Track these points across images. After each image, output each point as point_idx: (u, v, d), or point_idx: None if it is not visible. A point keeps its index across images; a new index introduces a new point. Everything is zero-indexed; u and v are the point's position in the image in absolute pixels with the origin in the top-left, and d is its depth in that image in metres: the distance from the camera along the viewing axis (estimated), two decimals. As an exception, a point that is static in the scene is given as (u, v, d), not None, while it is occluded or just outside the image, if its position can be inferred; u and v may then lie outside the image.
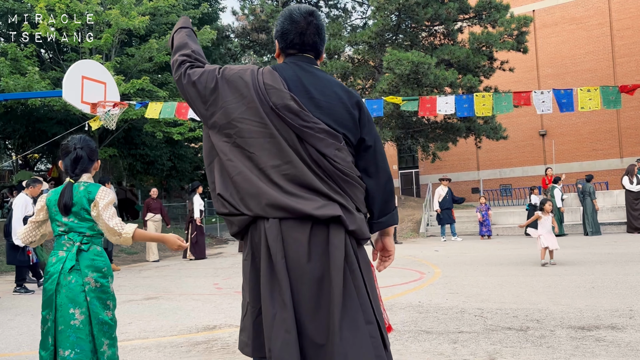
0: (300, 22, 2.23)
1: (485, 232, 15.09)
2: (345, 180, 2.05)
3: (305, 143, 2.04)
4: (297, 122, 2.04)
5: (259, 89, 2.10)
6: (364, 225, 2.06)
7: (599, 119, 26.38)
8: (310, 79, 2.16)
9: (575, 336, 4.13)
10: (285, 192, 1.98)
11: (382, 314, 2.12)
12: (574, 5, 27.23)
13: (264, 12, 21.61)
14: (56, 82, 14.82)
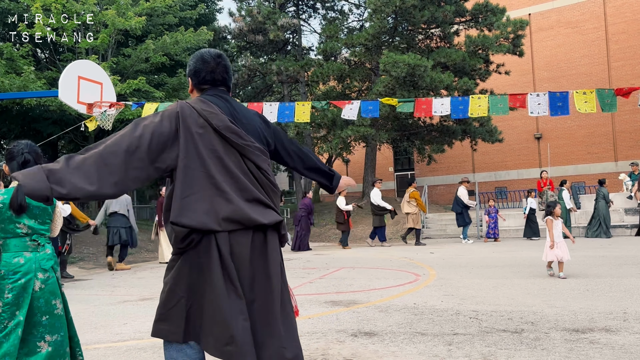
0: (211, 62, 2.64)
1: (492, 235, 14.97)
2: (272, 190, 2.48)
3: (246, 159, 2.42)
4: (239, 140, 2.40)
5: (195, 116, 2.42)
6: (285, 229, 2.50)
7: (594, 122, 26.49)
8: (233, 106, 2.56)
9: (570, 338, 4.15)
10: (236, 205, 2.31)
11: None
12: (570, 9, 27.36)
13: (261, 13, 21.62)
14: (52, 82, 14.80)
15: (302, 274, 9.09)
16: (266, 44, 22.80)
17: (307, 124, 19.80)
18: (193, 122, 2.38)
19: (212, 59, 2.64)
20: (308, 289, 7.30)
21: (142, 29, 15.75)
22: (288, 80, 23.29)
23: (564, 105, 8.49)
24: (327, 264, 10.69)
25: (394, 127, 21.47)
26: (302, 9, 24.51)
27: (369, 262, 10.71)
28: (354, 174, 33.10)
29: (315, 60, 22.58)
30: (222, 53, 2.71)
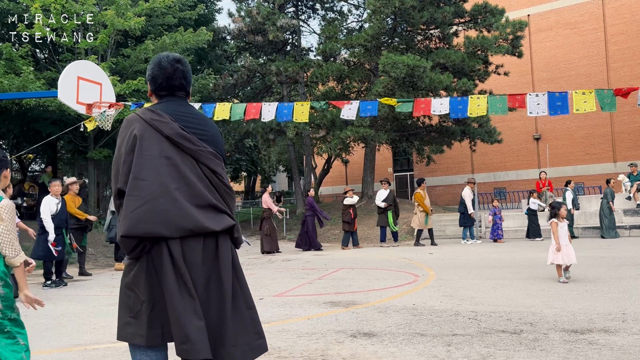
0: (168, 68, 2.64)
1: (497, 236, 14.85)
2: (228, 193, 2.54)
3: (200, 164, 2.47)
4: (191, 146, 2.47)
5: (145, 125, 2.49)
6: (239, 232, 2.56)
7: (592, 123, 26.52)
8: (188, 113, 2.61)
9: (569, 339, 4.15)
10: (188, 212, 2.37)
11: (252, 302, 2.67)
12: (569, 10, 27.39)
13: (260, 14, 21.61)
14: (51, 82, 14.79)
15: (301, 275, 9.09)
16: (265, 44, 22.79)
17: (306, 124, 19.80)
18: (143, 133, 2.46)
19: (169, 64, 2.65)
20: (307, 290, 7.31)
21: (141, 30, 15.75)
22: (287, 80, 23.29)
23: (564, 105, 8.48)
24: (326, 264, 10.69)
25: (393, 128, 21.47)
26: (302, 9, 24.52)
27: (368, 262, 10.72)
28: (353, 174, 33.13)
29: (314, 60, 22.58)
30: (181, 58, 2.71)
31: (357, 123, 18.36)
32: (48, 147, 19.91)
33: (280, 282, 8.31)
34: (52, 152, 21.69)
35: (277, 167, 37.67)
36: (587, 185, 24.31)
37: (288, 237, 19.19)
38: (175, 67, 2.66)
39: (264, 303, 6.36)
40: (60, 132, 15.08)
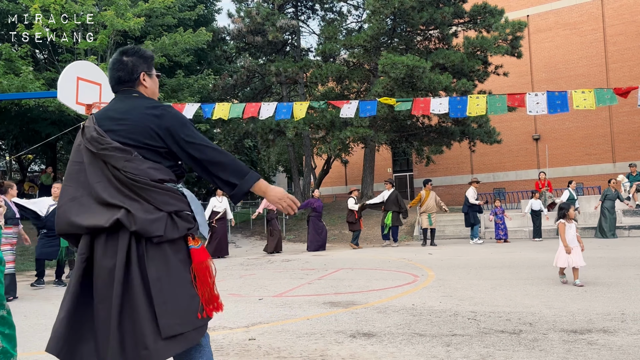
0: (111, 63, 2.68)
1: (502, 236, 14.83)
2: (138, 186, 2.39)
3: (107, 163, 2.44)
4: (97, 147, 2.46)
5: (79, 134, 2.60)
6: (150, 225, 2.34)
7: (592, 123, 26.54)
8: (117, 107, 2.59)
9: (568, 339, 4.16)
10: (82, 214, 2.39)
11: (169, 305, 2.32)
12: (568, 10, 27.41)
13: (260, 14, 21.62)
14: (51, 82, 14.79)
15: (300, 275, 9.10)
16: (265, 45, 22.79)
17: (306, 124, 19.80)
18: (76, 140, 2.63)
19: (112, 60, 2.70)
20: (307, 290, 7.31)
21: (140, 30, 15.75)
22: (287, 81, 23.30)
23: (563, 103, 8.46)
24: (326, 265, 10.69)
25: (392, 129, 21.48)
26: (301, 10, 24.52)
27: (367, 263, 10.72)
28: (352, 175, 33.13)
29: (314, 61, 22.59)
30: (124, 49, 2.71)
31: (357, 123, 18.36)
32: (47, 147, 19.90)
33: (279, 282, 8.31)
34: (51, 152, 21.68)
35: (277, 167, 37.66)
36: (586, 186, 24.31)
37: (288, 238, 19.19)
38: (114, 59, 2.67)
39: (263, 303, 6.36)
40: (59, 132, 15.08)
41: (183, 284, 2.37)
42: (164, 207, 2.40)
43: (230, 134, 24.25)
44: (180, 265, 2.41)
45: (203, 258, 2.47)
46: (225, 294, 7.37)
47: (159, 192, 2.42)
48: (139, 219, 2.33)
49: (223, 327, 5.13)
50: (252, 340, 4.51)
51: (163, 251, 2.38)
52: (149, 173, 2.43)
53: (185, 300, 2.35)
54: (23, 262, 12.76)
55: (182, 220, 2.45)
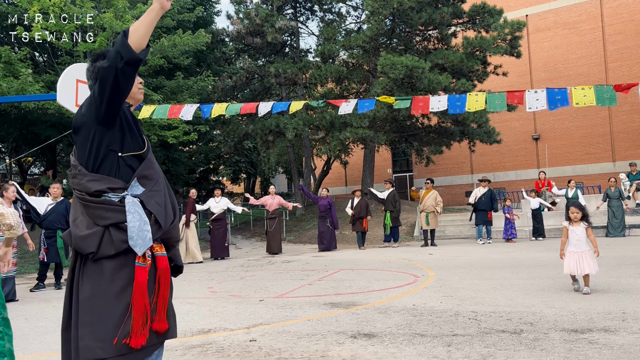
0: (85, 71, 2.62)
1: (510, 235, 14.72)
2: (81, 202, 2.38)
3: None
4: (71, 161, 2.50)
5: None
6: (82, 242, 2.30)
7: (591, 123, 26.55)
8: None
9: (569, 339, 4.16)
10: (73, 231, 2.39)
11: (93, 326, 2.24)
12: (567, 10, 27.43)
13: (259, 16, 21.63)
14: (50, 85, 14.79)
15: (301, 276, 9.09)
16: (264, 46, 22.80)
17: (305, 125, 19.81)
18: None
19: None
20: (307, 291, 7.31)
21: (139, 32, 15.75)
22: (286, 82, 23.30)
23: (563, 98, 8.45)
24: (326, 265, 10.69)
25: (392, 129, 21.48)
26: (300, 11, 24.53)
27: (368, 263, 10.72)
28: (352, 175, 33.13)
29: (313, 62, 22.59)
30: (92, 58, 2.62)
31: (356, 124, 18.37)
32: (47, 150, 19.90)
33: (280, 283, 8.31)
34: (51, 155, 21.68)
35: (277, 168, 37.65)
36: (586, 185, 24.31)
37: (288, 239, 19.18)
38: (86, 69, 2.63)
39: (264, 304, 6.36)
40: (59, 135, 15.09)
41: (115, 305, 2.24)
42: (99, 221, 2.33)
43: (230, 135, 24.25)
44: (117, 285, 2.27)
45: (142, 278, 2.31)
46: (226, 295, 7.37)
47: (94, 206, 2.35)
48: (74, 236, 2.33)
49: (224, 329, 5.13)
50: (253, 342, 4.51)
51: (100, 268, 2.29)
52: (87, 186, 2.37)
53: (113, 323, 2.22)
54: (23, 265, 12.76)
55: (120, 233, 2.32)
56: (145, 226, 2.35)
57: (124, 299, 2.26)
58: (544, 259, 9.74)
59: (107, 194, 2.37)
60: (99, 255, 2.28)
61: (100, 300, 2.25)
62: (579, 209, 6.26)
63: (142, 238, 2.33)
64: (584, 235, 6.16)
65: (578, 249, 6.11)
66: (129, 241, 2.30)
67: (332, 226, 15.11)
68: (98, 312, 2.23)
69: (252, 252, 15.81)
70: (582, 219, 6.23)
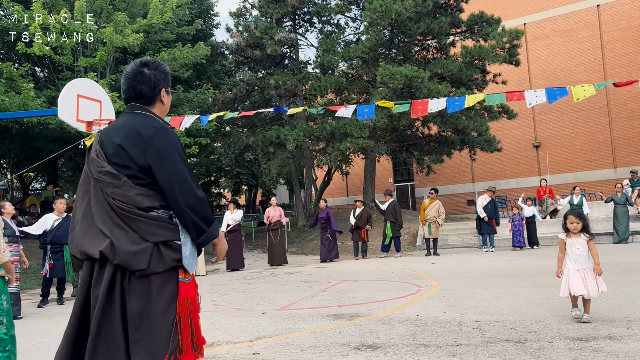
0: (129, 73, 2.55)
1: (518, 244, 14.59)
2: (123, 214, 2.29)
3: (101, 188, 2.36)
4: (93, 171, 2.40)
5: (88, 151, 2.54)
6: (132, 258, 2.23)
7: (592, 129, 26.58)
8: (117, 125, 2.48)
9: (574, 347, 4.13)
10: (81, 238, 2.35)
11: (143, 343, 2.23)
12: (565, 18, 27.56)
13: (258, 28, 21.75)
14: (51, 100, 14.85)
15: (303, 288, 9.06)
16: (264, 58, 22.90)
17: (306, 136, 19.84)
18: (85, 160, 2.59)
19: (131, 69, 2.58)
20: (310, 303, 7.28)
21: (139, 46, 15.84)
22: (286, 94, 23.37)
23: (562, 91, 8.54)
24: (329, 276, 10.66)
25: (392, 139, 21.50)
26: (299, 23, 24.66)
27: (370, 274, 10.69)
28: (353, 186, 33.12)
29: (312, 73, 22.67)
30: (149, 61, 2.59)
31: (357, 134, 18.39)
32: (49, 165, 19.94)
33: (283, 295, 8.28)
34: (52, 169, 21.72)
35: (278, 180, 37.67)
36: (588, 192, 24.27)
37: (290, 250, 19.14)
38: (138, 70, 2.55)
39: (267, 317, 6.34)
40: (60, 149, 15.12)
41: (162, 322, 2.25)
42: (150, 237, 2.28)
43: (231, 148, 24.29)
44: (163, 301, 2.27)
45: (189, 294, 2.34)
46: (229, 308, 7.34)
47: (145, 221, 2.29)
48: (121, 251, 2.23)
49: (227, 342, 5.11)
50: (257, 355, 4.49)
51: (147, 285, 2.26)
52: (137, 200, 2.31)
53: (162, 340, 2.23)
54: (25, 281, 12.73)
55: (170, 250, 2.31)
56: (194, 250, 2.39)
57: (170, 314, 2.26)
58: (547, 267, 9.71)
59: (157, 210, 2.34)
60: (148, 272, 2.25)
61: (148, 317, 2.24)
62: (579, 218, 5.23)
63: (194, 257, 2.38)
64: (585, 249, 5.16)
65: (580, 266, 5.11)
66: (182, 260, 2.32)
67: (332, 236, 15.11)
68: (147, 328, 2.22)
69: (254, 264, 15.77)
70: (583, 230, 5.22)
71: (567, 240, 5.27)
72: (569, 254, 5.22)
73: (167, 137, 2.39)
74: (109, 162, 2.38)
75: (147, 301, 2.25)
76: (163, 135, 2.38)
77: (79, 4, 14.37)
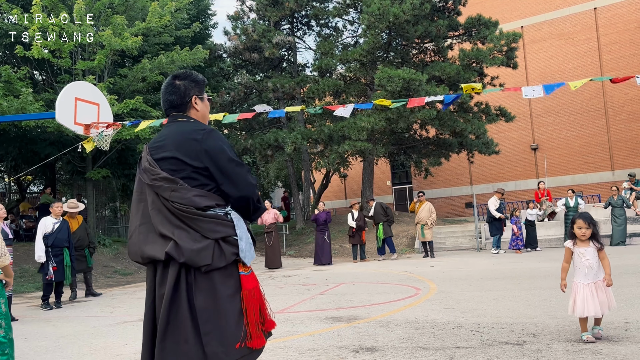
0: (163, 87, 2.76)
1: (519, 246, 14.65)
2: (184, 215, 2.44)
3: (158, 194, 2.50)
4: (149, 178, 2.54)
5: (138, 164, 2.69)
6: (197, 255, 2.38)
7: (589, 132, 26.63)
8: (165, 134, 2.64)
9: (572, 349, 4.14)
10: (142, 242, 2.49)
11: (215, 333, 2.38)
12: (562, 21, 27.63)
13: (256, 31, 21.77)
14: (50, 103, 14.83)
15: (302, 290, 9.06)
16: (262, 61, 22.92)
17: (304, 139, 19.85)
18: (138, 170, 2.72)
19: (165, 84, 2.79)
20: (308, 306, 7.28)
21: (138, 49, 15.83)
22: (284, 97, 23.40)
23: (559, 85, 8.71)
24: (327, 279, 10.66)
25: (390, 142, 21.52)
26: (297, 26, 24.69)
27: (369, 277, 10.69)
28: (352, 188, 33.13)
29: (310, 76, 22.70)
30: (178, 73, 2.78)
31: (355, 137, 18.41)
32: (47, 168, 19.91)
33: (281, 298, 8.27)
34: (50, 173, 21.69)
35: (276, 183, 37.66)
36: (585, 194, 24.32)
37: (288, 253, 19.14)
38: (168, 83, 2.77)
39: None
40: (58, 153, 15.10)
41: (230, 313, 2.41)
42: (210, 234, 2.44)
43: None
44: (228, 293, 2.44)
45: (251, 285, 2.51)
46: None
47: (205, 220, 2.45)
48: (186, 250, 2.38)
49: (225, 345, 5.09)
50: (255, 358, 4.48)
51: (211, 280, 2.42)
52: (194, 201, 2.46)
53: (231, 330, 2.39)
54: (22, 284, 12.71)
55: (229, 245, 2.47)
56: (250, 240, 2.59)
57: (236, 306, 2.43)
58: (545, 270, 9.72)
59: (214, 209, 2.50)
60: (212, 267, 2.41)
61: (216, 310, 2.39)
62: (589, 222, 4.46)
63: (250, 250, 2.57)
64: (595, 259, 4.43)
65: (590, 280, 4.41)
66: (239, 253, 2.50)
67: (329, 239, 15.13)
68: (216, 320, 2.38)
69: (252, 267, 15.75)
70: (592, 237, 4.49)
71: (575, 249, 4.52)
72: (576, 265, 4.50)
73: (216, 137, 2.58)
74: (162, 169, 2.54)
75: (213, 295, 2.41)
76: (211, 136, 2.56)
77: (77, 7, 14.37)
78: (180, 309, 2.37)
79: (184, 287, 2.40)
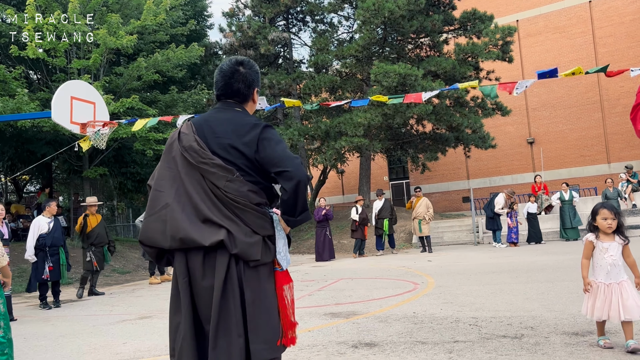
0: (226, 71, 2.63)
1: (514, 239, 14.66)
2: (237, 207, 2.38)
3: (205, 177, 2.41)
4: (197, 159, 2.43)
5: (175, 139, 2.56)
6: (250, 248, 2.35)
7: (585, 125, 26.69)
8: (219, 121, 2.54)
9: (570, 342, 4.16)
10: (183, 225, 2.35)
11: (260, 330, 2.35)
12: (557, 14, 27.65)
13: (251, 28, 21.72)
14: (45, 103, 14.79)
15: (300, 287, 9.08)
16: (257, 58, 22.87)
17: (301, 135, 19.84)
18: (170, 144, 2.58)
19: (228, 67, 2.65)
20: (307, 302, 7.30)
21: (133, 47, 15.79)
22: (280, 93, 23.36)
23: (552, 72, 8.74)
24: (326, 275, 10.68)
25: (387, 137, 21.53)
26: (292, 22, 24.65)
27: (367, 272, 10.71)
28: (349, 184, 33.14)
29: (306, 72, 22.67)
30: (244, 60, 2.67)
31: (352, 133, 18.42)
32: (43, 167, 19.85)
33: (280, 295, 8.28)
34: (47, 172, 21.63)
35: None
36: (582, 187, 24.39)
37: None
38: (235, 69, 2.64)
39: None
40: (55, 152, 15.06)
41: (271, 310, 2.42)
42: (260, 230, 2.43)
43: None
44: (270, 290, 2.45)
45: (285, 282, 2.52)
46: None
47: (258, 215, 2.43)
48: (239, 241, 2.34)
49: (225, 342, 5.10)
50: (254, 354, 4.50)
51: (257, 275, 2.41)
52: (249, 196, 2.42)
53: (273, 327, 2.40)
54: (21, 284, 12.69)
55: (272, 244, 2.49)
56: (286, 245, 2.59)
57: (277, 302, 2.46)
58: (542, 263, 9.76)
59: (264, 206, 2.49)
60: (260, 262, 2.41)
61: (263, 305, 2.39)
62: (615, 213, 3.92)
63: (286, 251, 2.58)
64: (619, 256, 3.90)
65: (612, 279, 3.87)
66: (276, 254, 2.51)
67: (330, 235, 15.16)
68: (262, 316, 2.37)
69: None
70: (617, 230, 3.94)
71: (597, 244, 3.96)
72: (597, 262, 3.96)
73: (272, 131, 2.53)
74: (216, 154, 2.45)
75: (259, 290, 2.40)
76: (270, 128, 2.52)
77: (72, 6, 14.31)
78: (232, 302, 2.33)
79: (236, 281, 2.35)
